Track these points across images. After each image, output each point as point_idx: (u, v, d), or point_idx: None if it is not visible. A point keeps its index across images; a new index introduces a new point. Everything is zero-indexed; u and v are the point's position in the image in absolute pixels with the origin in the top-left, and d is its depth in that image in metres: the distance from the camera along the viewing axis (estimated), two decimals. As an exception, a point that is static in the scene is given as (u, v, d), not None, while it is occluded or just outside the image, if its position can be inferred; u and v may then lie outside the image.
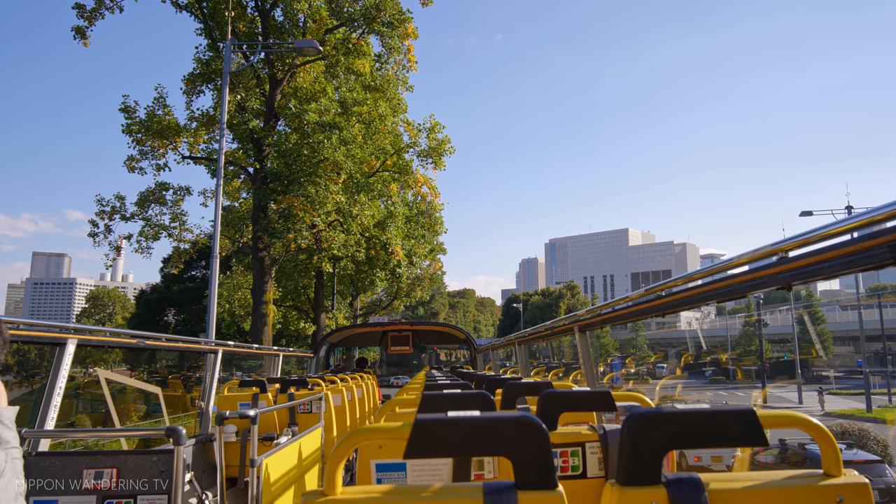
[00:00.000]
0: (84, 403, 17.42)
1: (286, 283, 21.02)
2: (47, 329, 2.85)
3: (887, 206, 1.17)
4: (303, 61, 15.30)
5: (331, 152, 13.99)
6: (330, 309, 22.24)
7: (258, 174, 15.05)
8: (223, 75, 12.86)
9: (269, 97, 15.43)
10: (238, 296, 17.16)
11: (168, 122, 15.43)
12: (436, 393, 1.94)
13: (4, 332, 1.08)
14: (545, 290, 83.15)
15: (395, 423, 1.09)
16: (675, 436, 1.02)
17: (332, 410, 4.87)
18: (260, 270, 14.97)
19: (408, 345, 10.08)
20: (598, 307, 3.10)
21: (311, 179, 14.08)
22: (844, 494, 1.02)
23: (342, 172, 14.22)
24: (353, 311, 30.01)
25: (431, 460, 1.75)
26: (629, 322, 4.46)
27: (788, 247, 1.50)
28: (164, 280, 37.94)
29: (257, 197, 14.81)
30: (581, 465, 1.78)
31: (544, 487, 0.98)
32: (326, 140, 14.08)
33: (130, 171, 16.93)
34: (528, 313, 73.12)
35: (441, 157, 17.51)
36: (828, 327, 55.82)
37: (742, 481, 1.03)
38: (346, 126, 15.02)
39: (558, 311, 70.77)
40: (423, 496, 1.00)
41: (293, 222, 14.69)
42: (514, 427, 0.99)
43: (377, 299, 38.68)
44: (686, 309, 2.38)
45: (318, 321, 21.40)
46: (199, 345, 4.80)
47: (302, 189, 14.23)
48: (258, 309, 14.81)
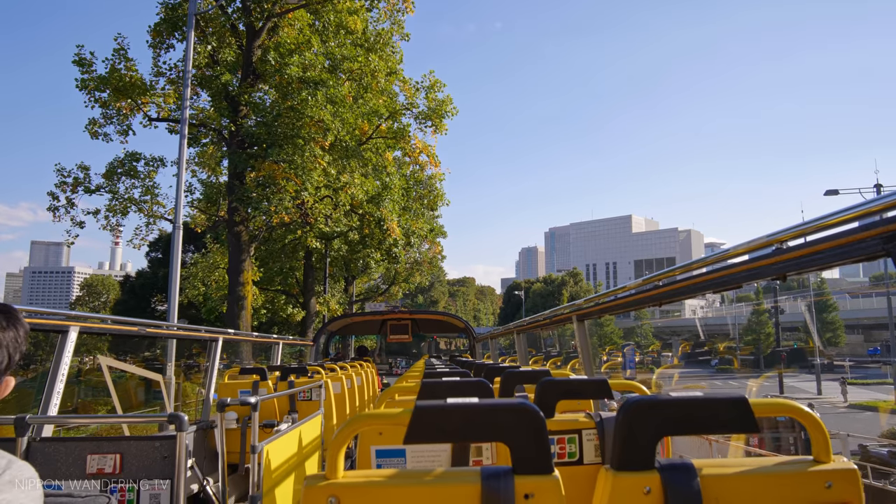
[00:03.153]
0: (84, 390, 16.75)
1: (272, 264, 19.29)
2: (49, 317, 2.89)
3: (880, 199, 1.19)
4: (284, 8, 13.40)
5: (316, 111, 12.17)
6: (321, 294, 20.54)
7: (234, 137, 13.23)
8: (188, 17, 11.02)
9: (247, 51, 13.54)
10: (215, 277, 15.44)
11: (132, 78, 13.58)
12: (435, 381, 1.94)
13: (23, 322, 1.05)
14: (547, 277, 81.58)
15: (395, 409, 1.09)
16: (669, 422, 1.04)
17: (332, 398, 4.92)
18: (237, 247, 13.21)
19: (407, 333, 10.12)
20: (597, 296, 3.09)
21: (294, 142, 12.28)
22: (833, 480, 1.02)
23: (329, 134, 12.40)
24: (349, 298, 28.26)
25: (430, 446, 1.79)
26: (628, 311, 4.62)
27: (785, 237, 1.51)
28: (152, 265, 36.15)
29: (233, 163, 13.01)
30: (578, 451, 1.78)
31: (541, 472, 1.00)
32: (311, 98, 12.25)
33: (93, 137, 15.10)
34: (530, 301, 71.75)
35: (442, 120, 15.57)
36: (839, 315, 54.36)
37: (734, 467, 1.04)
38: (335, 84, 13.19)
39: (561, 299, 69.37)
40: (424, 480, 1.01)
41: (274, 192, 12.91)
42: (511, 413, 1.00)
43: (374, 286, 36.75)
44: (683, 298, 2.37)
45: (308, 307, 19.71)
46: (200, 333, 4.73)
47: (283, 153, 12.44)
48: (234, 290, 13.07)
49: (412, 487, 1.00)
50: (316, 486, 0.99)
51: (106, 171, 15.39)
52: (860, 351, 54.91)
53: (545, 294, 74.09)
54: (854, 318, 57.98)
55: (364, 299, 31.63)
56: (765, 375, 46.47)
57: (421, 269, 31.68)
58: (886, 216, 1.17)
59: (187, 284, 15.83)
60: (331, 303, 20.46)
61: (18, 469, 0.87)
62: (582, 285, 75.48)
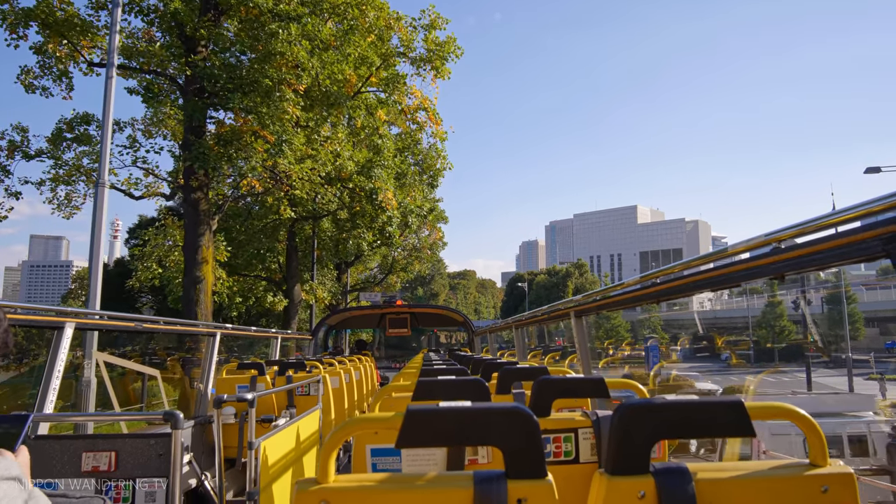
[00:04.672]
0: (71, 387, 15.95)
1: (250, 247, 16.89)
2: (45, 313, 2.86)
3: (880, 199, 1.17)
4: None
5: (287, 47, 9.74)
6: (309, 281, 18.15)
7: (190, 84, 10.79)
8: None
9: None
10: (174, 257, 13.06)
11: (66, 13, 11.12)
12: (430, 379, 1.94)
13: (3, 319, 1.08)
14: (551, 268, 79.25)
15: (388, 413, 1.13)
16: (664, 426, 1.02)
17: (330, 393, 4.88)
18: (193, 218, 10.76)
19: (406, 327, 10.08)
20: (595, 292, 3.09)
21: (261, 85, 9.84)
22: (829, 484, 1.01)
23: (304, 75, 9.96)
24: (342, 287, 25.85)
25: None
26: (626, 308, 3.64)
27: (784, 236, 1.50)
28: (133, 254, 33.72)
29: (187, 114, 10.57)
30: (574, 450, 1.73)
31: (534, 476, 0.98)
32: (282, 30, 9.83)
33: (29, 91, 12.63)
34: (533, 293, 69.57)
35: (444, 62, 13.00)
36: (858, 307, 52.11)
37: (729, 471, 1.03)
38: (314, 22, 10.76)
39: (566, 291, 66.92)
40: (416, 484, 1.00)
41: (239, 151, 10.51)
42: (504, 418, 0.99)
43: (372, 276, 34.17)
44: (681, 296, 2.38)
45: (292, 294, 17.33)
46: (198, 328, 4.74)
47: (247, 101, 10.01)
48: (191, 271, 10.66)
49: (404, 492, 0.99)
50: (307, 491, 0.99)
51: (52, 134, 13.00)
52: (877, 344, 52.75)
53: (549, 286, 71.85)
54: (871, 310, 55.76)
55: (360, 289, 29.23)
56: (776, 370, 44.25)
57: (420, 255, 29.27)
58: (886, 217, 1.15)
59: (140, 266, 13.46)
60: (318, 291, 18.08)
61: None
62: (587, 277, 73.10)
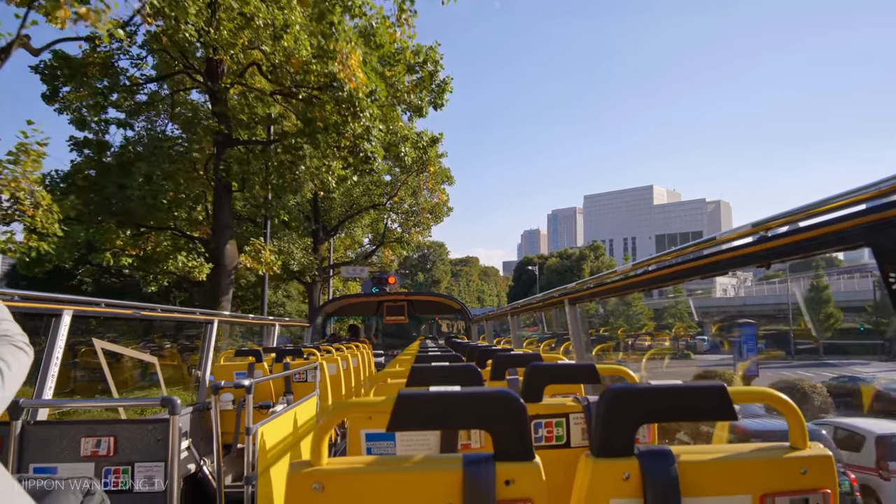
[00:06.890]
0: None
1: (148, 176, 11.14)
2: (43, 300, 2.87)
3: (864, 188, 1.17)
4: None
5: None
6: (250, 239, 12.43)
7: None
8: None
9: None
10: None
11: None
12: (424, 365, 1.96)
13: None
14: (563, 251, 73.59)
15: (380, 397, 1.18)
16: (648, 410, 1.04)
17: (328, 380, 4.92)
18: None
19: (403, 315, 10.07)
20: (585, 280, 3.15)
21: None
22: (809, 466, 1.04)
23: None
24: (318, 260, 20.08)
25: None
26: (617, 296, 3.88)
27: (771, 225, 1.53)
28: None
29: None
30: (565, 435, 1.76)
31: (521, 459, 1.01)
32: None
33: None
34: (544, 278, 63.99)
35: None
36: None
37: (711, 453, 1.05)
38: None
39: (580, 275, 60.84)
40: (405, 467, 1.02)
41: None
42: (492, 402, 1.01)
43: (365, 251, 28.05)
44: (672, 284, 2.41)
45: (221, 255, 11.63)
46: (195, 315, 4.73)
47: None
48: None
49: (395, 474, 1.01)
50: (300, 473, 1.01)
51: None
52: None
53: (561, 270, 66.18)
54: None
55: (342, 264, 23.45)
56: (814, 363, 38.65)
57: (420, 221, 23.46)
58: (870, 206, 1.16)
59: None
60: (263, 252, 12.35)
61: None
62: (603, 260, 67.31)
